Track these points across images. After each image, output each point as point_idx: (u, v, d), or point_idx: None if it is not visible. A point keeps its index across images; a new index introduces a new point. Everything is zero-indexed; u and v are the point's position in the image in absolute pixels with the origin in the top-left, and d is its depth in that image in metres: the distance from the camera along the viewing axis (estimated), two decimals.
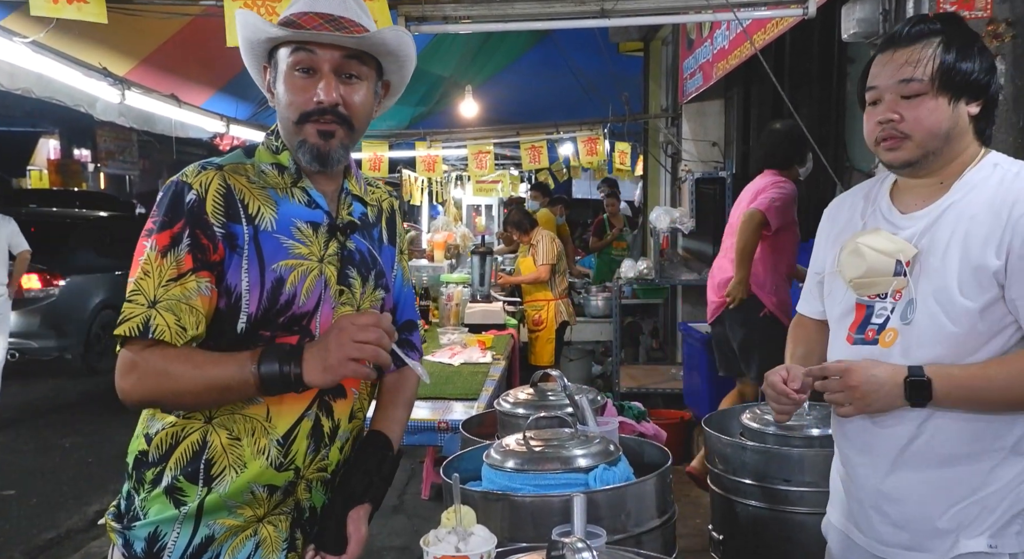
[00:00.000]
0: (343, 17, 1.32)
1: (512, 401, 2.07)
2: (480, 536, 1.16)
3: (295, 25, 1.30)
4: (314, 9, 1.31)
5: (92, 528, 4.01)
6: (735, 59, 4.37)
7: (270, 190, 1.36)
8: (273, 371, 1.23)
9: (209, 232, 1.29)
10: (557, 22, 3.29)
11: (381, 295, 1.49)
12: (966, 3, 2.48)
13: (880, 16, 2.64)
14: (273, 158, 1.39)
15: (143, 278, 1.26)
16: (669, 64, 7.09)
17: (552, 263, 5.83)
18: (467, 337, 4.27)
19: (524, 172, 12.32)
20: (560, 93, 8.49)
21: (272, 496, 1.36)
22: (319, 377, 1.24)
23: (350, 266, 1.42)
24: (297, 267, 1.34)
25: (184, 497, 1.33)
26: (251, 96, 6.52)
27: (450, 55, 7.12)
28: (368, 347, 1.22)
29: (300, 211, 1.37)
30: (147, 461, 1.34)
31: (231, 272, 1.30)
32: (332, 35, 1.30)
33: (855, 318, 1.47)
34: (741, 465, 2.15)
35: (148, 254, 1.27)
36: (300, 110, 1.33)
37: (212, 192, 1.30)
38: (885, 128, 1.40)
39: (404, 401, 1.59)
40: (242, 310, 1.30)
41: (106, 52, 4.32)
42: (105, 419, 5.84)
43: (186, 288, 1.26)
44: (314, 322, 1.36)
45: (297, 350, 1.25)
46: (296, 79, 1.32)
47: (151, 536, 1.33)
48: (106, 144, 17.75)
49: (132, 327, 1.24)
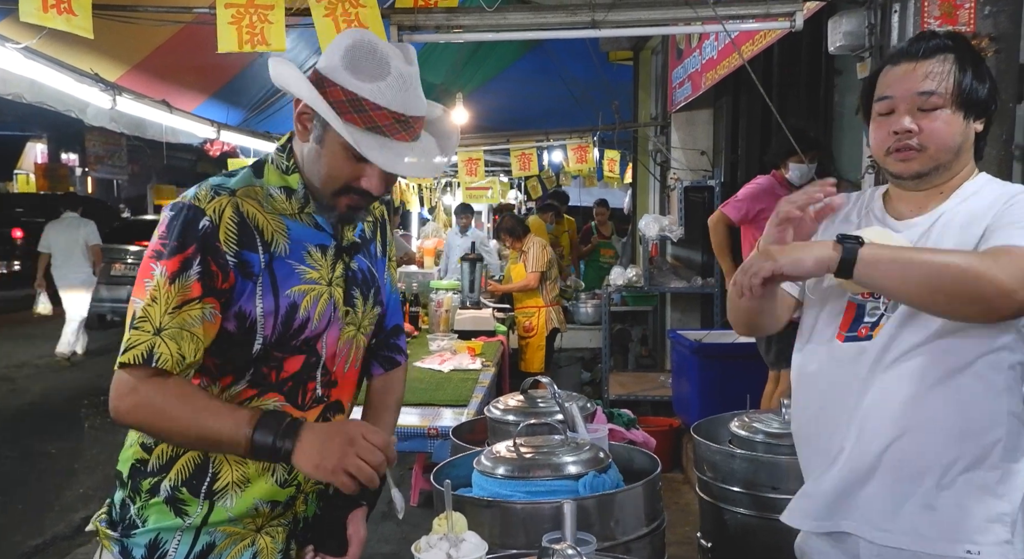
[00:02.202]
0: (412, 117, 1.29)
1: (502, 408, 2.08)
2: (471, 542, 1.17)
3: (369, 119, 1.26)
4: (390, 106, 1.26)
5: (78, 535, 3.98)
6: (724, 69, 4.41)
7: (280, 215, 1.35)
8: (266, 442, 1.23)
9: (221, 260, 1.27)
10: (549, 32, 3.31)
11: (378, 311, 1.52)
12: (950, 18, 2.52)
13: (866, 30, 2.69)
14: (282, 180, 1.37)
15: (151, 304, 1.24)
16: (658, 73, 7.14)
17: (542, 270, 5.84)
18: (457, 344, 4.27)
19: (514, 179, 12.36)
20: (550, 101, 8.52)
21: (273, 510, 1.39)
22: (308, 469, 1.24)
23: (354, 286, 1.44)
24: (309, 292, 1.35)
25: (185, 507, 1.34)
26: (242, 102, 6.53)
27: (441, 63, 7.14)
28: (367, 469, 1.22)
29: (310, 235, 1.37)
30: (145, 470, 1.35)
31: (245, 299, 1.30)
32: (398, 165, 1.28)
33: (846, 316, 1.46)
34: (730, 473, 2.16)
35: (157, 280, 1.25)
36: (341, 185, 1.32)
37: (226, 219, 1.29)
38: (900, 139, 1.40)
39: (393, 404, 1.62)
40: (257, 334, 1.32)
41: (98, 58, 4.32)
42: (91, 426, 5.81)
43: (190, 315, 1.25)
44: (320, 342, 1.39)
45: (294, 427, 1.25)
46: (347, 160, 1.30)
47: (151, 543, 1.34)
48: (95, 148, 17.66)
49: (137, 355, 1.23)
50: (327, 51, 1.31)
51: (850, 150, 4.38)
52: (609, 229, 9.05)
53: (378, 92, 1.25)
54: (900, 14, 2.59)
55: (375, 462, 1.22)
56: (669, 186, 6.30)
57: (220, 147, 6.83)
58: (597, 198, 9.81)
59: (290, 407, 1.37)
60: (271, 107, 6.79)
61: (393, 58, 1.27)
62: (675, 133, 6.37)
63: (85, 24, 3.00)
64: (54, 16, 2.94)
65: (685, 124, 6.34)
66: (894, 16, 2.60)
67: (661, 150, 6.68)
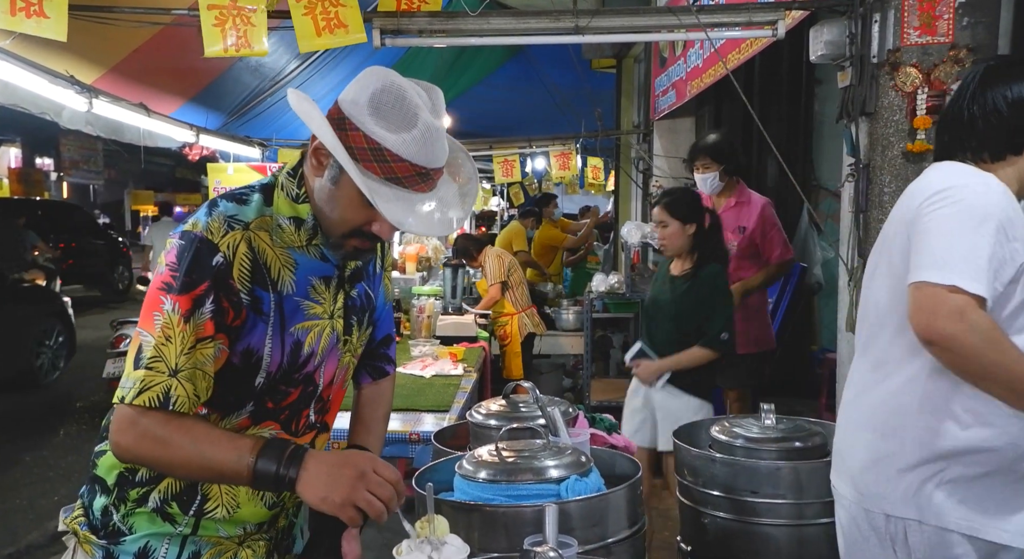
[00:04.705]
0: (433, 170, 1.25)
1: (484, 412, 2.07)
2: (453, 546, 1.16)
3: (389, 170, 1.21)
4: (414, 159, 1.21)
5: (53, 543, 3.90)
6: (709, 78, 4.45)
7: (288, 248, 1.31)
8: (269, 471, 1.20)
9: (234, 298, 1.24)
10: (532, 38, 3.31)
11: (370, 332, 1.51)
12: (929, 29, 2.56)
13: (847, 39, 2.72)
14: (292, 209, 1.32)
15: (165, 344, 1.20)
16: (641, 81, 7.18)
17: (501, 280, 5.77)
18: (439, 349, 4.25)
19: (496, 186, 12.37)
20: (533, 108, 8.56)
21: (259, 527, 1.40)
22: (313, 500, 1.20)
23: (352, 315, 1.43)
24: (313, 328, 1.34)
25: (174, 516, 1.33)
26: (222, 106, 6.48)
27: (424, 68, 7.15)
28: (378, 504, 1.19)
29: (315, 267, 1.34)
30: (133, 480, 1.33)
31: (255, 336, 1.27)
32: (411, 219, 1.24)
33: None
34: (710, 477, 2.17)
35: (169, 317, 1.20)
36: (352, 228, 1.29)
37: (240, 256, 1.25)
38: None
39: (382, 416, 1.62)
40: (262, 370, 1.30)
41: (74, 60, 4.26)
42: (66, 433, 5.71)
43: (203, 354, 1.22)
44: (319, 373, 1.38)
45: (298, 455, 1.21)
46: (361, 206, 1.25)
47: (141, 551, 1.32)
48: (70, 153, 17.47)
49: (152, 398, 1.19)
50: (352, 87, 1.25)
51: (830, 158, 4.43)
52: (594, 237, 9.06)
53: (402, 144, 1.20)
54: (880, 24, 2.63)
55: (386, 497, 1.19)
56: (651, 194, 6.33)
57: (199, 151, 6.76)
58: (581, 205, 9.77)
59: (284, 435, 1.36)
60: (251, 111, 6.75)
61: (421, 109, 1.23)
62: (657, 141, 6.41)
63: (58, 27, 2.90)
64: (23, 20, 2.85)
65: (667, 132, 6.38)
66: (875, 26, 2.63)
67: (643, 158, 6.71)
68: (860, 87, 2.66)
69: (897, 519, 1.53)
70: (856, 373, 1.70)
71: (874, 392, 1.61)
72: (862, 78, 2.65)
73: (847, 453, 1.66)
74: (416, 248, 6.97)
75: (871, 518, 1.57)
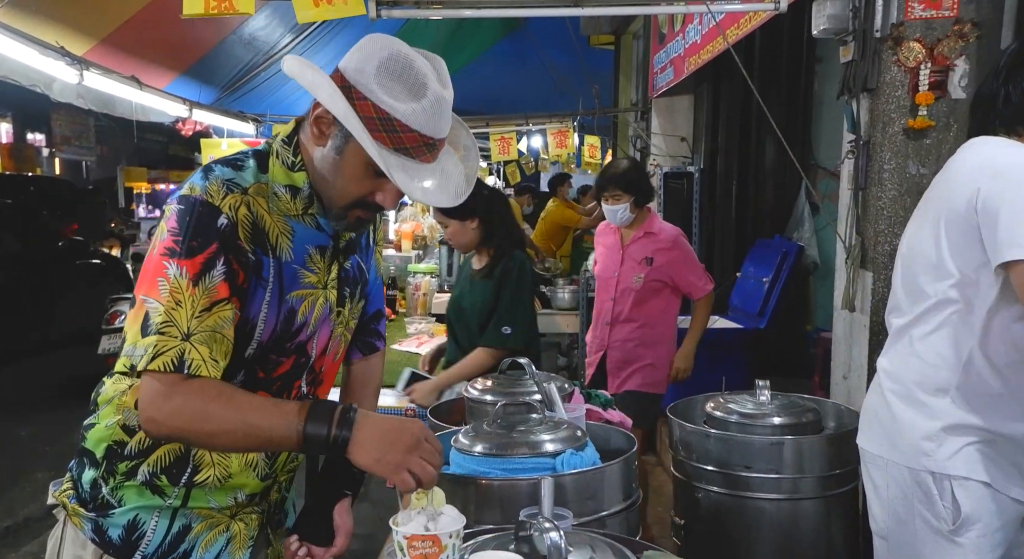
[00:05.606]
0: (439, 140, 1.24)
1: (480, 388, 2.07)
2: (449, 516, 1.16)
3: (398, 140, 1.20)
4: (422, 130, 1.20)
5: (50, 516, 3.87)
6: (707, 54, 4.40)
7: (284, 216, 1.29)
8: (320, 434, 1.17)
9: (243, 259, 1.22)
10: (530, 10, 3.27)
11: (362, 305, 1.50)
12: (934, 3, 2.52)
13: (850, 13, 2.68)
14: (288, 177, 1.29)
15: (175, 308, 1.16)
16: (639, 58, 7.12)
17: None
18: (434, 326, 4.25)
19: (492, 164, 12.30)
20: (530, 85, 8.49)
21: (251, 500, 1.39)
22: (366, 462, 1.17)
23: (346, 286, 1.41)
24: (307, 297, 1.32)
25: (163, 489, 1.32)
26: (215, 80, 6.41)
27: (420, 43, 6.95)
28: (431, 471, 1.18)
29: (311, 236, 1.32)
30: (122, 453, 1.31)
31: (254, 302, 1.25)
32: (420, 189, 1.23)
33: None
34: (704, 452, 2.18)
35: (177, 281, 1.17)
36: (355, 198, 1.27)
37: (241, 218, 1.22)
38: None
39: (372, 392, 1.62)
40: (254, 338, 1.28)
41: (64, 30, 4.20)
42: (62, 409, 5.70)
43: (221, 317, 1.19)
44: (311, 343, 1.36)
45: (349, 416, 1.19)
46: (367, 175, 1.24)
47: (130, 524, 1.31)
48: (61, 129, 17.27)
49: (167, 362, 1.15)
50: (356, 55, 1.22)
51: (829, 138, 4.40)
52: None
53: (412, 114, 1.18)
54: None
55: (436, 464, 1.19)
56: (649, 172, 6.30)
57: (192, 126, 6.70)
58: (580, 185, 9.71)
59: None
60: (245, 86, 6.67)
61: (430, 78, 1.21)
62: (655, 119, 6.37)
63: None
64: None
65: (665, 110, 6.34)
66: (878, 0, 2.59)
67: (641, 136, 6.68)
68: (862, 62, 2.62)
69: (943, 476, 1.56)
70: (895, 336, 1.71)
71: (916, 352, 1.63)
72: (864, 53, 2.62)
73: (884, 414, 1.68)
74: (412, 226, 6.94)
75: (916, 476, 1.60)
